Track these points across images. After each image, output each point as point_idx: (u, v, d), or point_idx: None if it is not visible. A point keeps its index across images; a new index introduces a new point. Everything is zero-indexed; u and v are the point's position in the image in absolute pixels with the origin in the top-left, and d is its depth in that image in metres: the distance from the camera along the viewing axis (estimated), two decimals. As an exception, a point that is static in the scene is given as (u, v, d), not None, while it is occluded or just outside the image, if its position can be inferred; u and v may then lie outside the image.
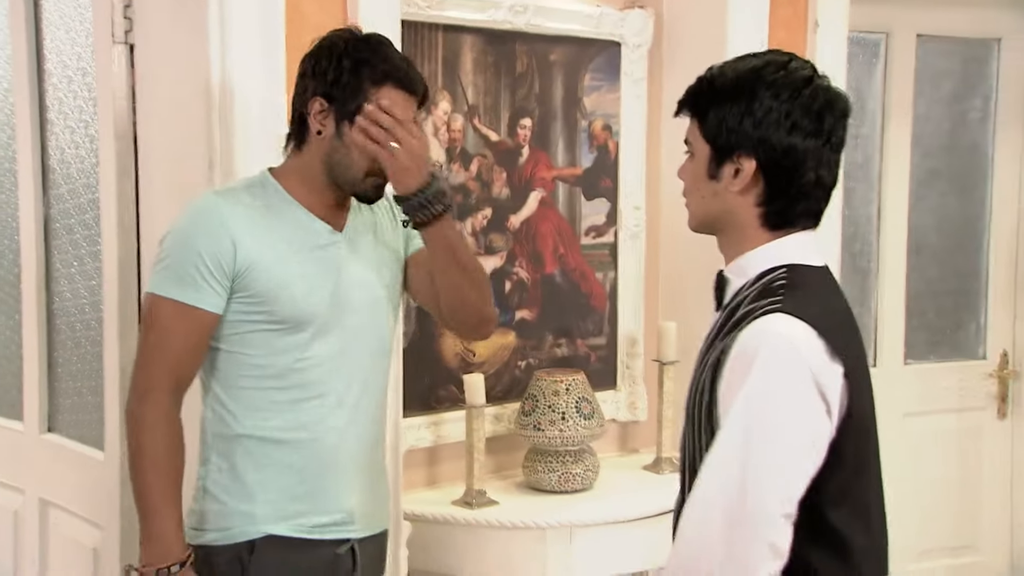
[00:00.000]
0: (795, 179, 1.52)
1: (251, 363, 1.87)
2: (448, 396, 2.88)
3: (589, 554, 2.68)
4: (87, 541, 2.55)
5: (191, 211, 1.87)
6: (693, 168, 1.59)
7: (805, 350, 1.42)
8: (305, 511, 1.90)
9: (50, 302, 2.70)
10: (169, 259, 1.82)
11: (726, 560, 1.41)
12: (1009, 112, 3.83)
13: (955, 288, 3.89)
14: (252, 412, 1.87)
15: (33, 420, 2.75)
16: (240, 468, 1.88)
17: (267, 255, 1.84)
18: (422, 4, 2.72)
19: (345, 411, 1.92)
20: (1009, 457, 3.92)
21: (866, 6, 3.41)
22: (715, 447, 1.44)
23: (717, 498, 1.42)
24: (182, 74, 2.31)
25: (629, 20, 3.09)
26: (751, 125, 1.50)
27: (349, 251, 1.94)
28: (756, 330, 1.44)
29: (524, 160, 2.98)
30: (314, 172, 1.90)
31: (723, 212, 1.56)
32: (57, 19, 2.60)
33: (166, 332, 1.81)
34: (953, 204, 3.86)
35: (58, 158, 2.64)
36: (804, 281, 1.52)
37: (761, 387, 1.41)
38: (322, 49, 1.89)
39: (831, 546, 1.48)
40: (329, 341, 1.89)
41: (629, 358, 3.19)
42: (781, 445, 1.41)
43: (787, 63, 1.54)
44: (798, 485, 1.42)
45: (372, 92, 1.85)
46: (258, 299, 1.84)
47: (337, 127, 1.87)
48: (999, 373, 3.89)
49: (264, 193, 1.90)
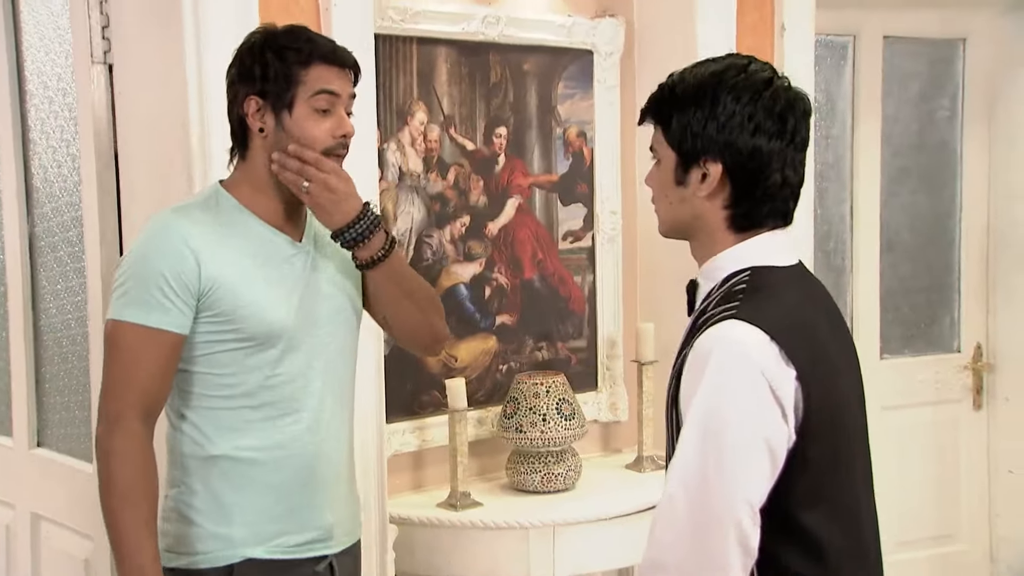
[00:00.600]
0: (760, 180, 1.53)
1: (221, 383, 1.82)
2: (431, 401, 2.93)
3: (572, 552, 2.73)
4: (78, 553, 2.59)
5: (149, 232, 1.81)
6: (660, 175, 1.60)
7: (756, 355, 1.43)
8: (284, 531, 1.86)
9: (37, 319, 2.75)
10: (130, 283, 1.77)
11: (692, 556, 1.44)
12: (975, 110, 3.91)
13: (928, 283, 3.96)
14: (226, 432, 1.83)
15: (23, 435, 2.79)
16: (217, 490, 1.83)
17: (231, 272, 1.80)
18: (396, 18, 2.78)
19: (320, 426, 1.89)
20: (985, 447, 3.99)
21: (833, 9, 3.48)
22: (677, 449, 1.47)
23: (681, 498, 1.44)
24: (161, 92, 2.35)
25: (600, 29, 3.16)
26: (715, 129, 1.51)
27: (311, 262, 1.91)
28: (711, 336, 1.46)
29: (501, 168, 3.04)
30: (263, 174, 1.86)
31: (692, 217, 1.58)
32: (37, 41, 2.65)
33: (133, 358, 1.76)
34: (924, 201, 3.94)
35: (41, 177, 2.69)
36: (765, 283, 1.53)
37: (714, 390, 1.43)
38: (243, 51, 1.87)
39: (805, 547, 1.49)
40: (299, 356, 1.86)
41: (609, 359, 3.24)
42: (734, 446, 1.43)
43: (746, 66, 1.55)
44: (754, 486, 1.44)
45: (302, 74, 1.81)
46: (225, 317, 1.79)
47: (277, 119, 1.83)
48: (973, 365, 3.97)
49: (220, 208, 1.86)
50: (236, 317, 1.79)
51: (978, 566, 4.00)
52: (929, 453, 3.91)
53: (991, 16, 3.86)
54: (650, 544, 1.50)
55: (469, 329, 3.00)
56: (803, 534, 1.49)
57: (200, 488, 1.84)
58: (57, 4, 2.56)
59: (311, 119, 1.83)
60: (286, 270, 1.87)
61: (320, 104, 1.83)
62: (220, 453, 1.83)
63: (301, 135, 1.82)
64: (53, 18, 2.58)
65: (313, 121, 1.83)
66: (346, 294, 1.97)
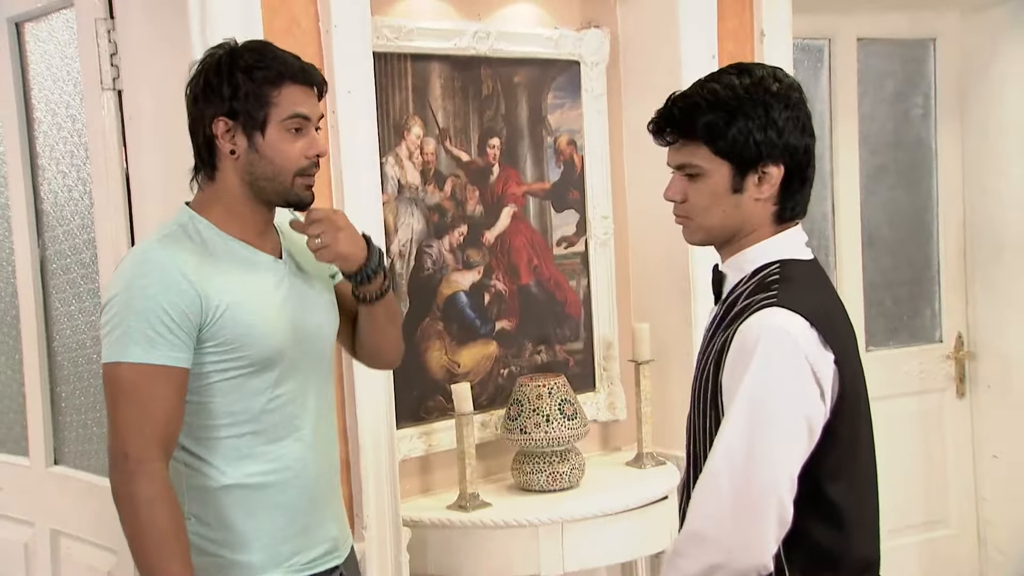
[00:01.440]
0: (807, 174, 1.69)
1: (226, 411, 1.81)
2: (436, 406, 3.01)
3: (580, 548, 2.82)
4: (101, 566, 2.66)
5: (139, 266, 1.76)
6: (707, 187, 1.67)
7: (801, 340, 1.56)
8: (298, 549, 1.88)
9: (50, 340, 2.81)
10: (129, 320, 1.71)
11: (734, 531, 1.55)
12: (948, 107, 4.04)
13: (909, 277, 4.09)
14: (234, 461, 1.82)
15: (39, 454, 2.85)
16: (231, 519, 1.82)
17: (230, 299, 1.78)
18: (391, 36, 2.87)
19: (318, 442, 1.91)
20: (970, 434, 4.12)
21: (808, 14, 3.60)
22: (722, 431, 1.58)
23: (725, 474, 1.56)
24: (171, 115, 2.42)
25: (586, 40, 3.26)
26: (776, 134, 1.64)
27: (293, 279, 1.91)
28: (755, 323, 1.58)
29: (495, 178, 3.13)
30: (236, 196, 1.84)
31: (743, 221, 1.69)
32: (44, 70, 2.71)
33: (147, 399, 1.71)
34: (902, 197, 4.06)
35: (51, 201, 2.75)
36: (795, 275, 1.66)
37: (762, 375, 1.55)
38: (206, 69, 1.82)
39: (827, 518, 1.62)
40: (295, 375, 1.87)
41: (606, 360, 3.34)
42: (780, 427, 1.55)
43: (774, 73, 1.69)
44: (796, 462, 1.57)
45: (274, 95, 1.79)
46: (229, 346, 1.78)
47: (249, 141, 1.80)
48: (955, 355, 4.09)
49: (200, 234, 1.83)
50: (241, 344, 1.78)
51: (967, 550, 4.12)
52: (916, 442, 4.03)
53: (958, 17, 3.99)
54: (691, 517, 1.60)
55: (470, 335, 3.09)
56: (827, 505, 1.61)
57: (213, 519, 1.83)
58: (64, 34, 2.63)
59: (284, 140, 1.81)
60: (274, 289, 1.86)
61: (293, 125, 1.82)
62: (231, 483, 1.82)
63: (274, 157, 1.81)
64: (60, 47, 2.65)
65: (287, 143, 1.82)
66: (327, 307, 1.99)
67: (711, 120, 1.65)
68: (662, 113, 1.72)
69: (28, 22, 2.74)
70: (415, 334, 2.97)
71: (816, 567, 1.63)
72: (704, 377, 1.67)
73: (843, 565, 1.64)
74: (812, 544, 1.61)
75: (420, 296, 2.98)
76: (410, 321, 2.95)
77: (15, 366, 2.94)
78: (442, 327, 3.03)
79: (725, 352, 1.61)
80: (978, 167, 4.03)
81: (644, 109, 3.19)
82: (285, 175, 1.83)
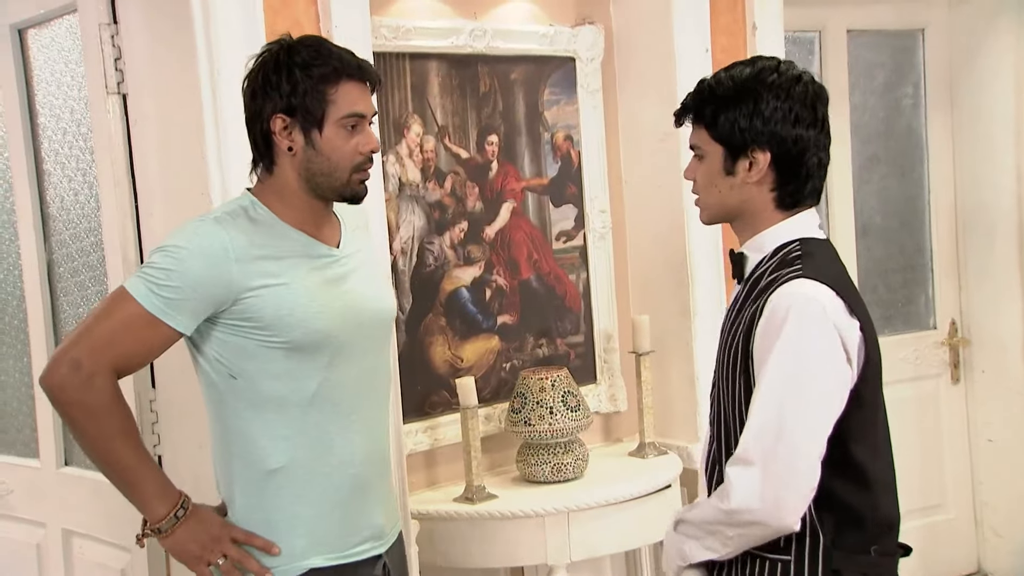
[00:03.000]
0: (803, 164, 1.77)
1: (274, 394, 1.84)
2: (441, 401, 3.05)
3: (586, 537, 2.86)
4: (115, 564, 2.69)
5: (194, 235, 1.81)
6: (707, 168, 1.82)
7: (829, 307, 1.66)
8: (341, 536, 1.90)
9: (58, 342, 2.84)
10: (159, 273, 1.78)
11: (766, 496, 1.64)
12: (938, 96, 4.10)
13: (902, 264, 4.14)
14: (281, 444, 1.85)
15: (50, 456, 2.89)
16: (274, 504, 1.86)
17: (272, 281, 1.81)
18: (389, 35, 2.91)
19: (368, 430, 1.94)
20: (965, 418, 4.17)
21: (799, 7, 3.65)
22: (755, 398, 1.67)
23: (758, 442, 1.64)
24: (176, 118, 2.47)
25: (581, 36, 3.30)
26: (761, 123, 1.74)
27: (350, 268, 1.94)
28: (785, 293, 1.68)
29: (494, 174, 3.17)
30: (293, 189, 1.88)
31: (741, 202, 1.80)
32: (48, 75, 2.75)
33: (123, 330, 1.78)
34: (894, 186, 4.11)
35: (58, 206, 2.78)
36: (816, 251, 1.77)
37: (793, 342, 1.64)
38: (265, 64, 1.86)
39: (853, 477, 1.71)
40: (347, 362, 1.89)
41: (606, 353, 3.38)
42: (812, 392, 1.64)
43: (777, 66, 1.78)
44: (826, 426, 1.65)
45: (332, 93, 1.83)
46: (270, 328, 1.81)
47: (307, 138, 1.84)
48: (949, 341, 4.14)
49: (257, 217, 1.87)
50: (283, 325, 1.81)
51: (964, 532, 4.18)
52: (911, 428, 4.07)
53: (945, 6, 4.04)
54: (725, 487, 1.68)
55: (473, 330, 3.13)
56: (853, 466, 1.70)
57: (256, 503, 1.87)
58: (67, 40, 2.67)
59: (340, 137, 1.86)
60: (327, 276, 1.90)
61: (350, 123, 1.86)
62: (277, 467, 1.86)
63: (331, 153, 1.86)
64: (63, 53, 2.69)
65: (343, 139, 1.86)
66: (384, 297, 2.06)
67: (710, 106, 1.78)
68: (685, 98, 1.84)
69: (31, 28, 2.77)
70: (418, 330, 3.01)
71: (845, 527, 1.71)
72: (732, 348, 1.75)
73: (868, 524, 1.74)
74: (840, 505, 1.70)
75: (422, 292, 3.02)
76: (413, 317, 2.99)
77: (24, 369, 2.97)
78: (445, 323, 3.07)
79: (756, 322, 1.69)
80: (969, 155, 4.08)
81: (639, 104, 3.33)
82: (341, 171, 1.88)
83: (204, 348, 1.86)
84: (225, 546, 1.85)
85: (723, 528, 1.71)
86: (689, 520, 1.79)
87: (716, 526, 1.72)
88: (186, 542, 1.84)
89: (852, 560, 1.72)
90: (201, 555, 1.85)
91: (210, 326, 1.84)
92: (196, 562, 1.86)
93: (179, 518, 1.84)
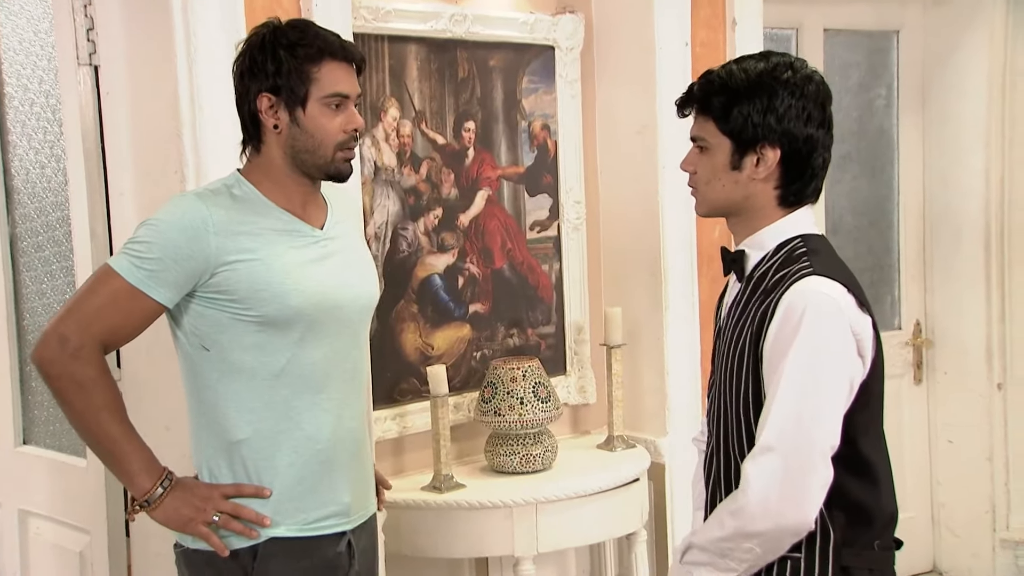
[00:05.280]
0: (810, 163, 1.75)
1: (244, 366, 1.89)
2: (410, 388, 3.02)
3: (553, 529, 2.85)
4: (73, 546, 2.64)
5: (175, 208, 1.88)
6: (710, 161, 1.78)
7: (843, 304, 1.65)
8: (303, 508, 1.94)
9: (20, 318, 2.78)
10: (141, 246, 1.84)
11: (784, 495, 1.62)
12: (910, 98, 4.12)
13: (871, 264, 4.16)
14: (247, 415, 1.90)
15: (7, 434, 2.82)
16: (240, 474, 1.91)
17: (249, 256, 1.86)
18: (368, 17, 2.86)
19: (338, 409, 1.97)
20: (926, 419, 4.21)
21: (777, 4, 3.65)
22: (772, 396, 1.65)
23: (778, 440, 1.63)
24: (150, 92, 2.41)
25: (561, 25, 3.27)
26: (775, 120, 1.72)
27: (332, 250, 1.98)
28: (799, 291, 1.66)
29: (470, 161, 3.14)
30: (280, 167, 1.93)
31: (743, 198, 1.77)
32: (16, 44, 2.67)
33: (112, 305, 1.84)
34: (865, 186, 4.13)
35: (23, 178, 2.72)
36: (819, 247, 1.75)
37: (811, 340, 1.63)
38: (252, 46, 1.92)
39: (862, 474, 1.71)
40: (317, 340, 1.92)
41: (577, 344, 3.36)
42: (829, 390, 1.64)
43: (792, 63, 1.76)
44: (840, 421, 1.65)
45: (314, 71, 1.88)
46: (243, 302, 1.86)
47: (291, 116, 1.90)
48: (914, 341, 4.18)
49: (242, 195, 1.92)
50: (256, 300, 1.86)
51: (922, 531, 4.22)
52: (874, 426, 4.10)
53: (922, 9, 4.06)
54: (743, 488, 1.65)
55: (444, 318, 3.09)
56: (862, 461, 1.70)
57: (226, 472, 1.92)
58: (38, 9, 2.59)
59: (324, 115, 1.91)
60: (307, 256, 1.93)
61: (333, 102, 1.91)
62: (243, 437, 1.90)
63: (315, 131, 1.90)
64: (33, 22, 2.62)
65: (327, 118, 1.91)
66: (366, 281, 2.06)
67: (720, 99, 1.74)
68: (688, 87, 1.81)
69: (-1, -5, 2.70)
70: (390, 316, 2.97)
71: (854, 522, 1.70)
72: (739, 349, 1.73)
73: (876, 518, 1.73)
74: (850, 500, 1.69)
75: (395, 278, 2.98)
76: (385, 303, 2.94)
77: (-17, 345, 2.90)
78: (416, 310, 3.03)
79: (767, 322, 1.67)
80: (938, 157, 4.10)
81: (618, 95, 3.31)
82: (325, 148, 1.92)
83: (181, 321, 1.91)
84: (217, 503, 1.90)
85: (739, 542, 1.67)
86: (698, 544, 1.73)
87: (730, 542, 1.67)
88: (178, 508, 1.89)
89: (860, 556, 1.72)
90: (195, 516, 1.89)
91: (188, 299, 1.88)
92: (193, 524, 1.90)
93: (165, 488, 1.89)
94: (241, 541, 1.91)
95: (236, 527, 1.90)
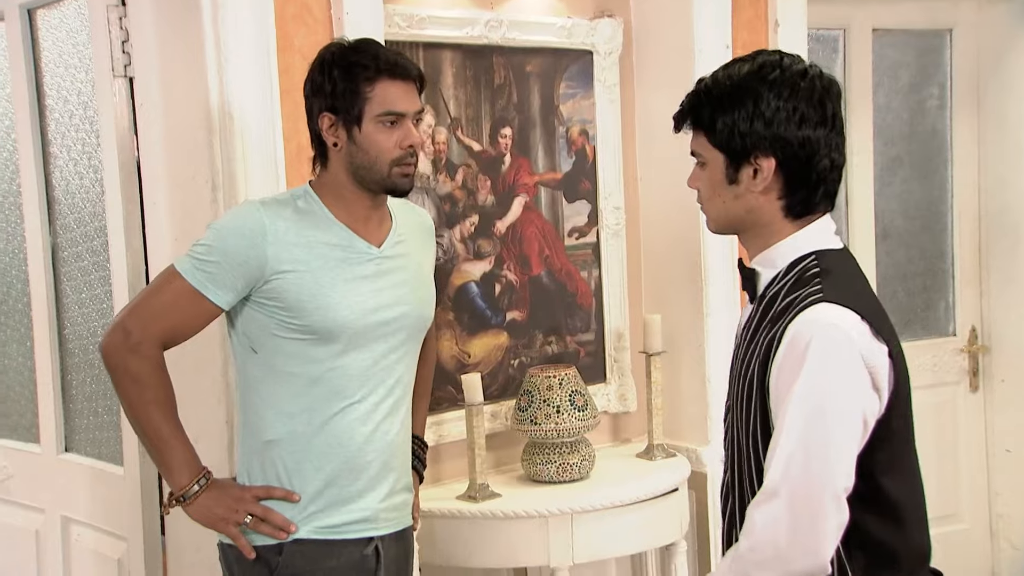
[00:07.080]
0: (812, 167, 1.60)
1: (283, 371, 1.98)
2: (446, 396, 3.00)
3: (590, 539, 2.81)
4: (111, 553, 2.67)
5: (237, 214, 2.00)
6: (708, 176, 1.65)
7: (854, 335, 1.50)
8: (328, 513, 2.01)
9: (61, 327, 2.81)
10: (203, 250, 1.95)
11: (793, 542, 1.49)
12: (963, 98, 4.01)
13: (923, 269, 4.06)
14: (283, 418, 1.99)
15: (50, 442, 2.86)
16: (271, 474, 2.00)
17: (301, 266, 1.95)
18: (403, 24, 2.86)
19: (375, 419, 2.03)
20: (983, 427, 4.09)
21: (823, 4, 3.58)
22: (777, 433, 1.52)
23: (783, 483, 1.50)
24: (182, 103, 2.43)
25: (599, 29, 3.24)
26: (763, 125, 1.58)
27: (387, 268, 2.06)
28: (806, 320, 1.51)
29: (507, 167, 3.12)
30: (342, 183, 2.03)
31: (746, 212, 1.64)
32: (56, 57, 2.71)
33: (173, 305, 1.95)
34: (916, 189, 4.03)
35: (63, 189, 2.75)
36: (834, 267, 1.60)
37: (816, 377, 1.48)
38: (314, 67, 2.02)
39: (884, 512, 1.56)
40: (360, 353, 2.00)
41: (617, 351, 3.32)
42: (837, 429, 1.49)
43: (780, 61, 1.62)
44: (853, 461, 1.51)
45: (367, 90, 1.96)
46: (291, 310, 1.95)
47: (348, 134, 1.98)
48: (969, 348, 4.06)
49: (305, 206, 2.02)
50: (302, 310, 1.95)
51: (980, 544, 4.10)
52: (928, 436, 3.99)
53: (974, 7, 3.96)
54: (747, 532, 1.54)
55: (481, 325, 3.08)
56: (884, 500, 1.56)
57: (258, 472, 2.02)
58: (75, 21, 2.63)
59: (379, 132, 1.99)
60: (358, 272, 2.02)
61: (387, 120, 1.98)
62: (276, 438, 1.99)
63: (370, 148, 1.99)
64: (71, 35, 2.65)
65: (382, 135, 1.99)
66: (418, 301, 2.12)
67: (707, 110, 1.63)
68: (683, 100, 1.69)
69: (40, 8, 2.74)
70: (426, 324, 2.96)
71: (877, 563, 1.57)
72: (748, 377, 1.61)
73: (901, 558, 1.59)
74: (871, 540, 1.56)
75: (431, 286, 2.97)
76: (421, 311, 2.94)
77: (26, 353, 2.95)
78: (452, 317, 3.02)
79: (773, 352, 1.54)
80: (994, 158, 3.99)
81: (657, 100, 3.26)
82: (381, 165, 2.01)
83: (236, 322, 2.01)
84: (249, 505, 1.98)
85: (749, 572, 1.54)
86: None
87: None
88: (211, 507, 1.98)
89: None
90: (227, 516, 1.97)
91: (244, 302, 1.98)
92: (224, 523, 1.98)
93: (201, 486, 1.98)
94: (267, 539, 1.98)
95: (265, 530, 1.99)
